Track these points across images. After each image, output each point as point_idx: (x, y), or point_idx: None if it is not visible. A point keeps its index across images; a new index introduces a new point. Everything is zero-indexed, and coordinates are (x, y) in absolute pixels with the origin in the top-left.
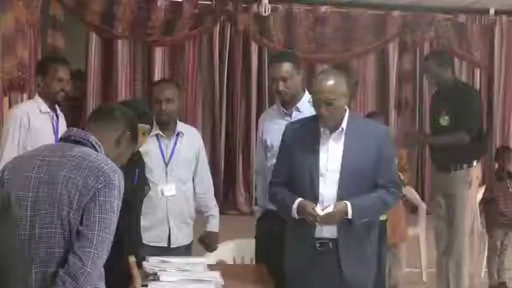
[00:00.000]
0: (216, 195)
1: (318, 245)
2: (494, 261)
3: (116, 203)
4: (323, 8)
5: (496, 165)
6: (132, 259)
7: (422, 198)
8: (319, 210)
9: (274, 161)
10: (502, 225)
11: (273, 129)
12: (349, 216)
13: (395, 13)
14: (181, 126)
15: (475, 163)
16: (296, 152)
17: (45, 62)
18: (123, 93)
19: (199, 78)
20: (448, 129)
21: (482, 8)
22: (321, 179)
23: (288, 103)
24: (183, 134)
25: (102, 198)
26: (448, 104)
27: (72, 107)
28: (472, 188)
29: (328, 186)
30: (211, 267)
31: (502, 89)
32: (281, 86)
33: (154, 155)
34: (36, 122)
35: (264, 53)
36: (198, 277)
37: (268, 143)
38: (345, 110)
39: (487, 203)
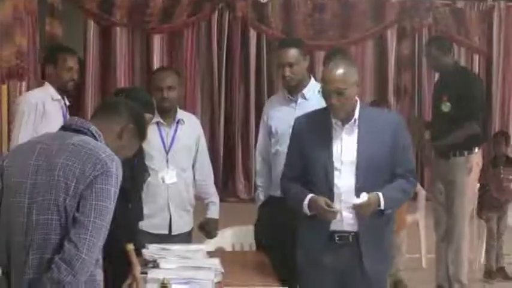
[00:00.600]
0: (215, 182)
1: (337, 238)
2: (493, 247)
3: (113, 191)
4: None
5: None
6: (130, 247)
7: (422, 185)
8: (362, 198)
9: (278, 147)
10: (494, 209)
11: (277, 116)
12: (382, 206)
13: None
14: (181, 114)
15: (476, 150)
16: (308, 145)
17: (54, 51)
18: (122, 80)
19: (197, 65)
20: (450, 115)
21: None
22: (335, 172)
23: (294, 89)
24: (183, 122)
25: (98, 185)
26: (449, 89)
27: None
28: (472, 174)
29: (343, 178)
30: (210, 254)
31: (500, 74)
32: (287, 72)
33: (155, 142)
34: (49, 109)
35: (263, 40)
36: (198, 264)
37: (273, 129)
38: (356, 101)
39: (480, 189)
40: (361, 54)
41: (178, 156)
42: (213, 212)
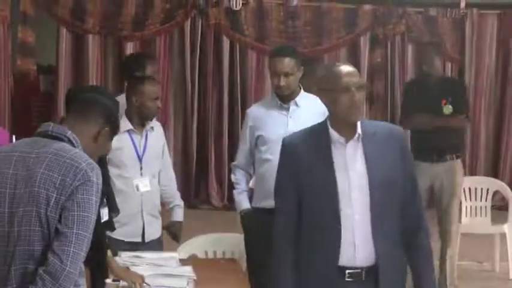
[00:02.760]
0: (188, 189)
1: (347, 275)
2: None
3: (94, 200)
4: (294, 2)
5: None
6: (109, 254)
7: None
8: None
9: (269, 156)
10: None
11: (269, 123)
12: None
13: (367, 7)
14: (151, 121)
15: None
16: (305, 170)
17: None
18: None
19: (170, 72)
20: (452, 117)
21: (453, 1)
22: (342, 199)
23: (286, 98)
24: (152, 129)
25: (80, 195)
26: (447, 93)
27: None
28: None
29: (353, 205)
30: (183, 262)
31: (472, 81)
32: (282, 82)
33: (128, 150)
34: None
35: (236, 47)
36: (170, 272)
37: (265, 136)
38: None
39: None
40: (334, 61)
41: (150, 163)
42: (179, 215)
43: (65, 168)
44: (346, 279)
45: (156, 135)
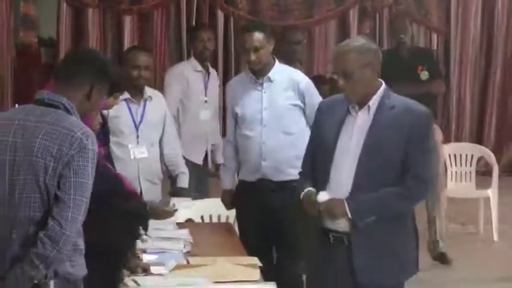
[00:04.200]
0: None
1: (331, 238)
2: None
3: (90, 166)
4: None
5: None
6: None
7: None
8: (322, 197)
9: (247, 132)
10: None
11: (244, 101)
12: (349, 215)
13: None
14: (148, 91)
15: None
16: (321, 133)
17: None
18: None
19: (167, 46)
20: (430, 82)
21: None
22: (335, 163)
23: (260, 73)
24: (151, 99)
25: (76, 163)
26: (422, 60)
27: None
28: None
29: (342, 172)
30: (180, 225)
31: (458, 53)
32: (253, 56)
33: (125, 119)
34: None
35: (230, 21)
36: (168, 235)
37: (240, 114)
38: (377, 85)
39: None
40: (324, 33)
41: (147, 131)
42: (184, 182)
43: (61, 137)
44: (331, 242)
45: (155, 105)
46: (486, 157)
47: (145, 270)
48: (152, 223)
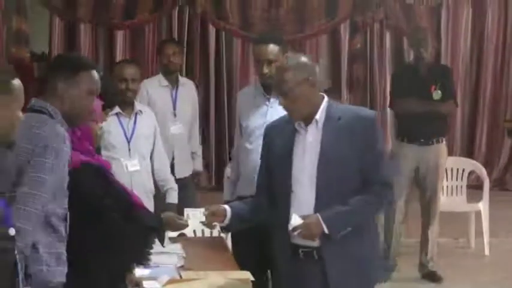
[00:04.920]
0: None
1: (301, 253)
2: None
3: (51, 163)
4: None
5: None
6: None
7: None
8: (296, 220)
9: (247, 145)
10: None
11: (249, 113)
12: (325, 230)
13: None
14: (138, 105)
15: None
16: (271, 155)
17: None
18: None
19: (158, 60)
20: (441, 102)
21: None
22: (294, 181)
23: (269, 87)
24: (141, 113)
25: (35, 158)
26: (438, 78)
27: (39, 87)
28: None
29: (305, 189)
30: (172, 240)
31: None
32: (266, 69)
33: (117, 132)
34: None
35: (222, 36)
36: (161, 249)
37: (245, 125)
38: (319, 99)
39: None
40: (316, 47)
41: (139, 144)
42: (173, 197)
43: (33, 138)
44: (301, 257)
45: (146, 119)
46: (477, 171)
47: (138, 285)
48: None
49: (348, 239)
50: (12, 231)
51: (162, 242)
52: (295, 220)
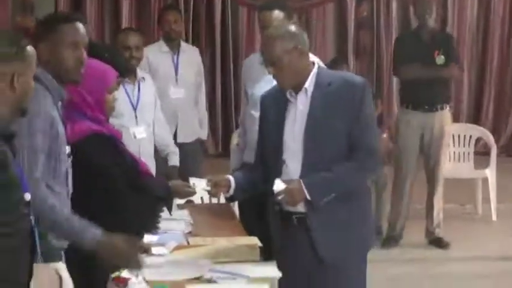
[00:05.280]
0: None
1: (295, 220)
2: None
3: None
4: None
5: None
6: None
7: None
8: (278, 186)
9: (253, 112)
10: None
11: (254, 80)
12: (307, 196)
13: None
14: (140, 72)
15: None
16: (265, 125)
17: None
18: None
19: (160, 28)
20: (445, 67)
21: None
22: (286, 151)
23: None
24: (144, 79)
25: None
26: (441, 44)
27: None
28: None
29: (293, 157)
30: (180, 206)
31: (455, 34)
32: None
33: (122, 100)
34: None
35: (228, 4)
36: (168, 216)
37: (250, 93)
38: (308, 67)
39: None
40: (322, 15)
41: (144, 112)
42: (175, 160)
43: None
44: (295, 224)
45: (148, 86)
46: (485, 138)
47: (147, 251)
48: None
49: (336, 206)
50: (27, 196)
51: (170, 210)
52: (278, 186)
